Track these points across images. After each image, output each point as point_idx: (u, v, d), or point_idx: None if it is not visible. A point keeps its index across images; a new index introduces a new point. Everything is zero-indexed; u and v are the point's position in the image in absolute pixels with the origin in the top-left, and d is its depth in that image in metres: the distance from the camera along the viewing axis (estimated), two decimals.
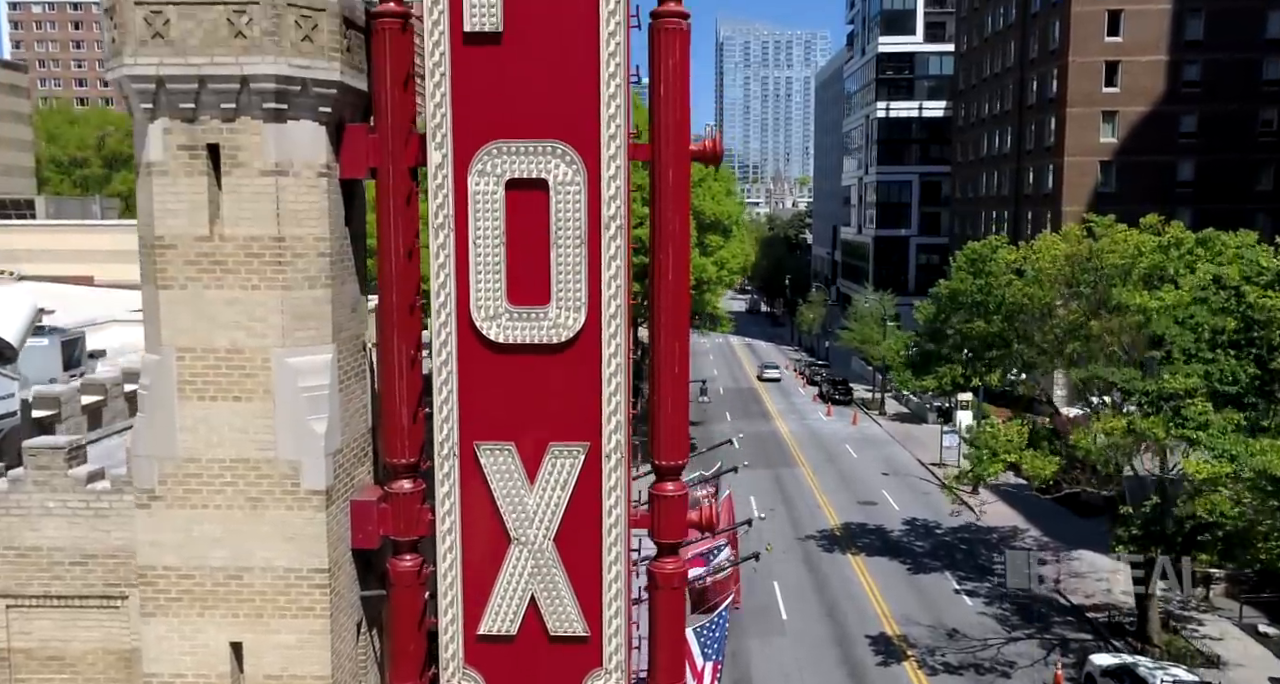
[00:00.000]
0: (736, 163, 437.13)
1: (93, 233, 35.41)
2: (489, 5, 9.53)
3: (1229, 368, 18.87)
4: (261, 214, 9.33)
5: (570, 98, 9.73)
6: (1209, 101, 62.54)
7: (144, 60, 9.05)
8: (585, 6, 9.62)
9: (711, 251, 50.88)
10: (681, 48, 9.93)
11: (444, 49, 9.65)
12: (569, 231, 9.80)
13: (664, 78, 9.88)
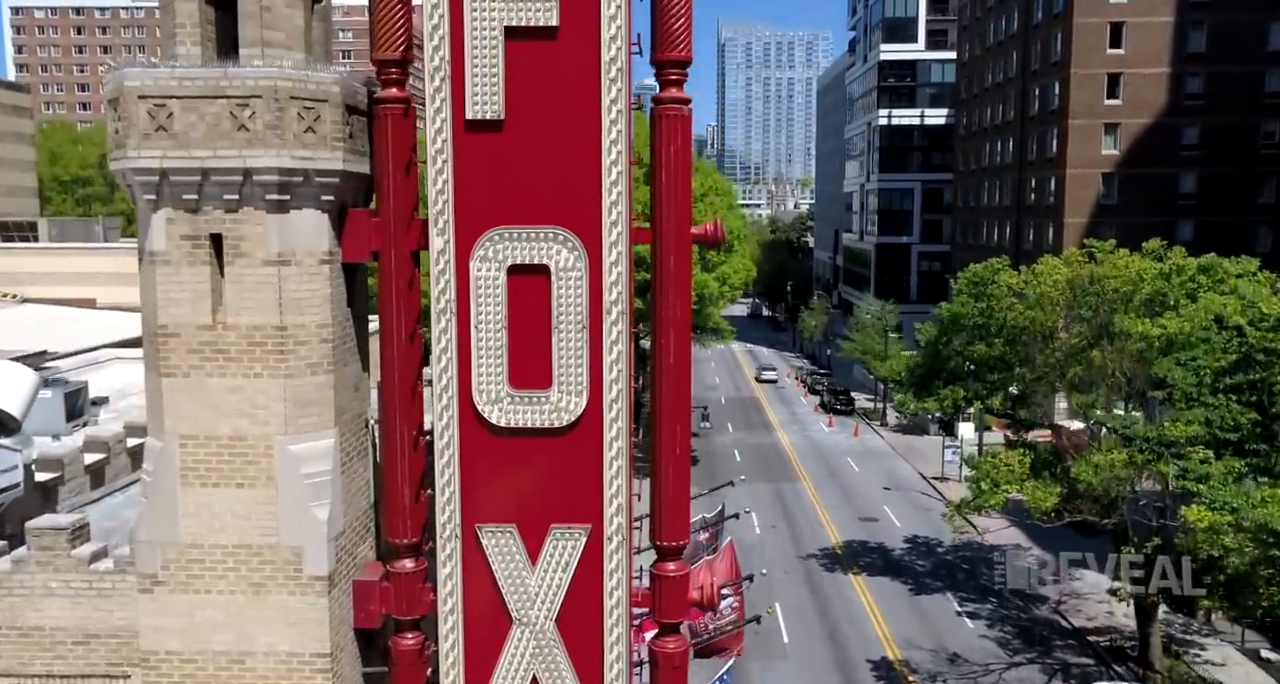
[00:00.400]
0: (738, 163, 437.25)
1: (95, 256, 35.48)
2: (491, 93, 9.55)
3: (1230, 415, 18.88)
4: (264, 303, 9.36)
5: (572, 184, 9.75)
6: (1211, 114, 62.51)
7: (147, 153, 9.09)
8: (587, 95, 9.64)
9: (713, 267, 50.88)
10: (683, 134, 9.96)
11: (446, 136, 9.67)
12: (571, 317, 9.83)
13: (665, 163, 9.91)
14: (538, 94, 9.64)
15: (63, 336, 31.68)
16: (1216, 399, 19.33)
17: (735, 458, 60.57)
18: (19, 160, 38.28)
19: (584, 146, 9.67)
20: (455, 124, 9.66)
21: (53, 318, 34.07)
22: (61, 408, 15.84)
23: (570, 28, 9.54)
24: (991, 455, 27.98)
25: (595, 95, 9.61)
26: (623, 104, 9.65)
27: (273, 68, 9.08)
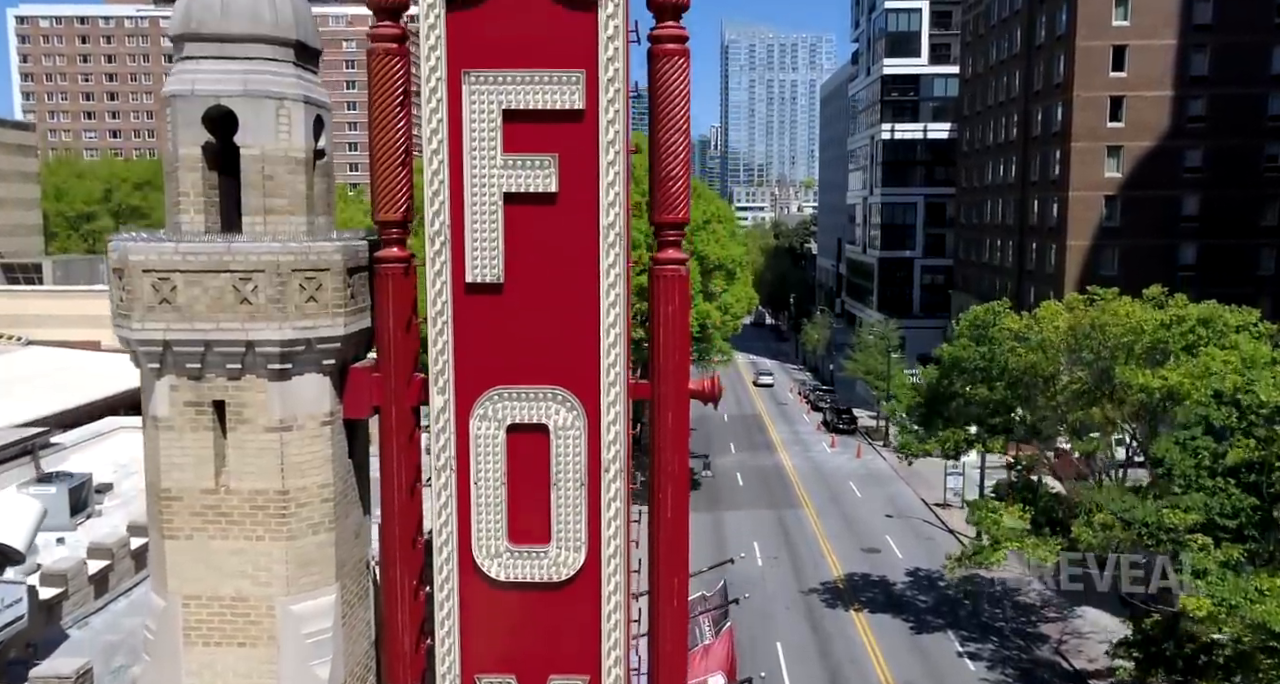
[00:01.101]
0: (741, 165, 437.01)
1: (99, 299, 35.51)
2: (490, 257, 9.66)
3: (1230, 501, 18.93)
4: (266, 468, 9.48)
5: (571, 345, 9.86)
6: (1214, 137, 62.43)
7: (151, 325, 9.21)
8: (585, 258, 9.74)
9: (715, 297, 50.96)
10: (681, 294, 10.06)
11: (446, 298, 9.78)
12: (569, 474, 9.94)
13: (663, 323, 10.01)
14: (537, 257, 9.75)
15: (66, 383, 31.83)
16: (1215, 482, 19.40)
17: (738, 482, 60.68)
18: (24, 199, 38.45)
19: (583, 309, 9.77)
20: (455, 286, 9.77)
21: (57, 363, 34.20)
22: (66, 504, 16.00)
23: (569, 194, 9.65)
24: (991, 509, 28.01)
25: (594, 259, 9.72)
26: (620, 268, 9.75)
27: (274, 242, 9.20)
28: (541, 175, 9.56)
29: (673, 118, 9.92)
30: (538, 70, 9.46)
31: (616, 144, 9.62)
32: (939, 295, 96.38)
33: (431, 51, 9.44)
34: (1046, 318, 33.34)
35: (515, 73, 9.46)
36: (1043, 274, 68.22)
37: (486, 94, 9.47)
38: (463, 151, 9.55)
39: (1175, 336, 29.87)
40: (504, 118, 9.52)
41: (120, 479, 18.86)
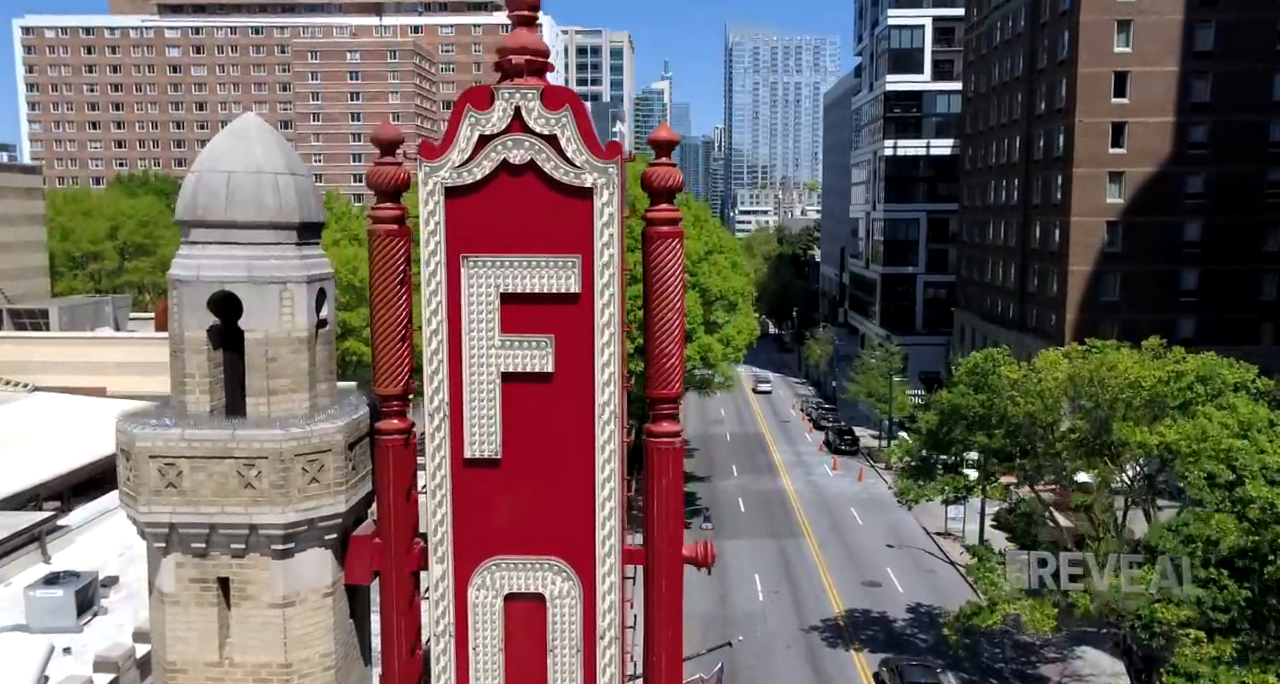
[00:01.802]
0: (745, 165, 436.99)
1: (104, 346, 35.93)
2: (488, 434, 9.90)
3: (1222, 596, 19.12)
4: (269, 642, 9.71)
5: (567, 517, 10.09)
6: (1216, 163, 62.52)
7: (158, 508, 9.45)
8: (581, 434, 9.97)
9: (718, 328, 51.16)
10: (675, 467, 10.28)
11: (445, 471, 10.02)
12: (565, 641, 10.17)
13: (658, 494, 10.23)
14: (534, 433, 9.98)
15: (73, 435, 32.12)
16: (1209, 572, 19.59)
17: (740, 507, 60.91)
18: (31, 242, 38.71)
19: (578, 483, 10.00)
20: (454, 460, 10.01)
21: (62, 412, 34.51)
22: (73, 605, 16.26)
23: (565, 373, 9.88)
24: (989, 568, 28.21)
25: (589, 435, 9.95)
26: (615, 444, 9.98)
27: (278, 430, 9.44)
28: (538, 356, 9.79)
29: (666, 296, 10.15)
30: (535, 255, 9.69)
31: (611, 326, 9.86)
32: (941, 311, 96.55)
33: (431, 236, 9.67)
34: (1045, 367, 33.51)
35: (513, 258, 9.69)
36: (1044, 297, 68.37)
37: (485, 277, 9.70)
38: (461, 332, 9.78)
39: (1173, 392, 30.05)
40: (501, 300, 9.75)
41: (125, 566, 19.11)
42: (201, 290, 9.55)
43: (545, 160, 9.58)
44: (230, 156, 9.64)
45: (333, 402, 10.44)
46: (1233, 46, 61.81)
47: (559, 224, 9.68)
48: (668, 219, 10.09)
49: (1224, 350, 62.42)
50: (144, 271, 45.96)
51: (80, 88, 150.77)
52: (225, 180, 9.54)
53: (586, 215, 9.69)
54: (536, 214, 9.67)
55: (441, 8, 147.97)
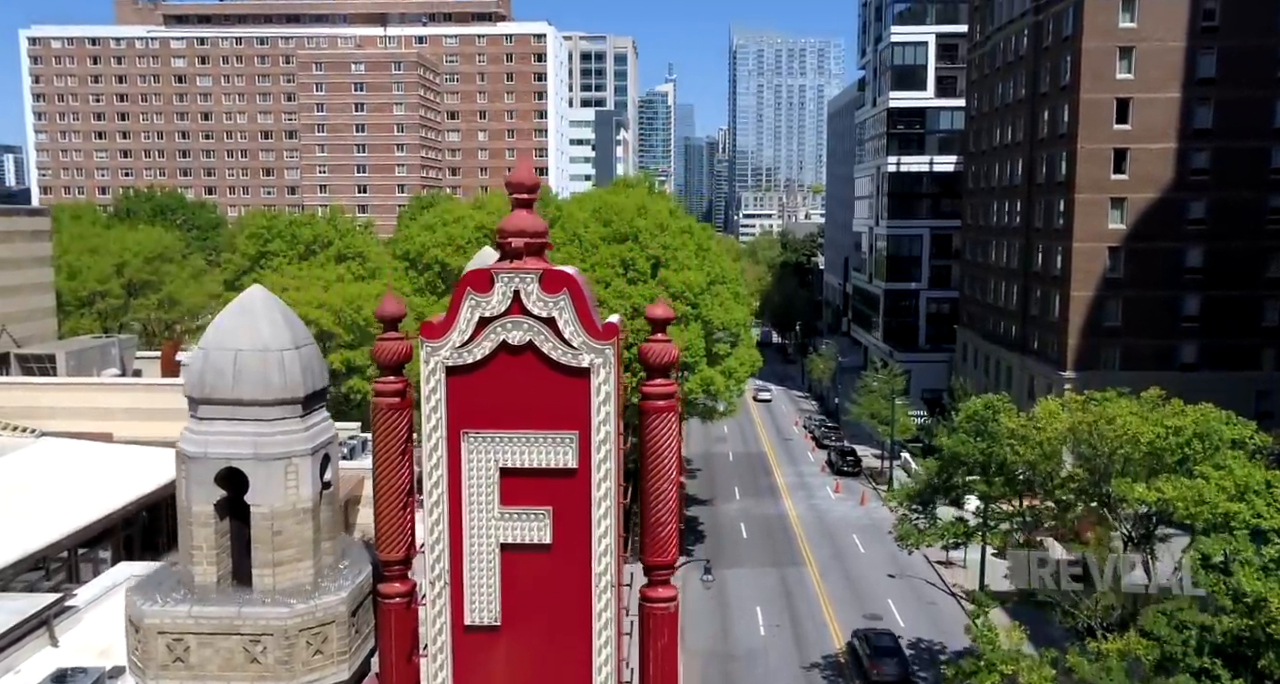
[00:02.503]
0: (749, 166, 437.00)
1: (111, 392, 36.30)
2: (488, 602, 10.17)
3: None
4: None
5: (563, 680, 10.34)
6: (1217, 189, 62.66)
7: (165, 682, 9.73)
8: (578, 603, 10.23)
9: (720, 360, 51.39)
10: (670, 631, 10.53)
11: (445, 637, 10.30)
12: None
13: (653, 658, 10.48)
14: (532, 601, 10.25)
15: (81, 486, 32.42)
16: (1203, 661, 19.80)
17: (742, 533, 61.17)
18: (39, 284, 39.09)
19: (575, 650, 10.27)
20: (454, 626, 10.29)
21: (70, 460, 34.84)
22: None
23: (562, 544, 10.14)
24: (989, 628, 28.46)
25: (586, 603, 10.21)
26: (611, 611, 10.24)
27: (282, 607, 9.71)
28: (536, 527, 10.06)
29: (662, 468, 10.39)
30: (533, 431, 9.95)
31: (608, 499, 10.11)
32: (944, 327, 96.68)
33: (432, 412, 9.93)
34: (1044, 417, 33.73)
35: (512, 433, 9.95)
36: (1046, 321, 68.51)
37: (484, 452, 9.97)
38: (461, 504, 10.05)
39: (1171, 446, 30.26)
40: (501, 474, 10.02)
41: None
42: (209, 467, 9.82)
43: (543, 342, 9.84)
44: (237, 335, 9.91)
45: (337, 559, 10.71)
46: (1234, 73, 61.93)
47: (557, 401, 9.94)
48: (664, 394, 10.32)
49: (1225, 375, 62.88)
50: (150, 308, 46.32)
51: (86, 98, 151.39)
52: (232, 359, 9.82)
53: (583, 393, 9.94)
54: (535, 392, 9.93)
55: (446, 18, 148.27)
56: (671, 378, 10.47)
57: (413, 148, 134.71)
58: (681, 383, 50.22)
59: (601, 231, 53.06)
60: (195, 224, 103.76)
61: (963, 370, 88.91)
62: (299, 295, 41.26)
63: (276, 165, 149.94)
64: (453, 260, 55.93)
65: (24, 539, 26.59)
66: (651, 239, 52.22)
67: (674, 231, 53.72)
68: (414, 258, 57.41)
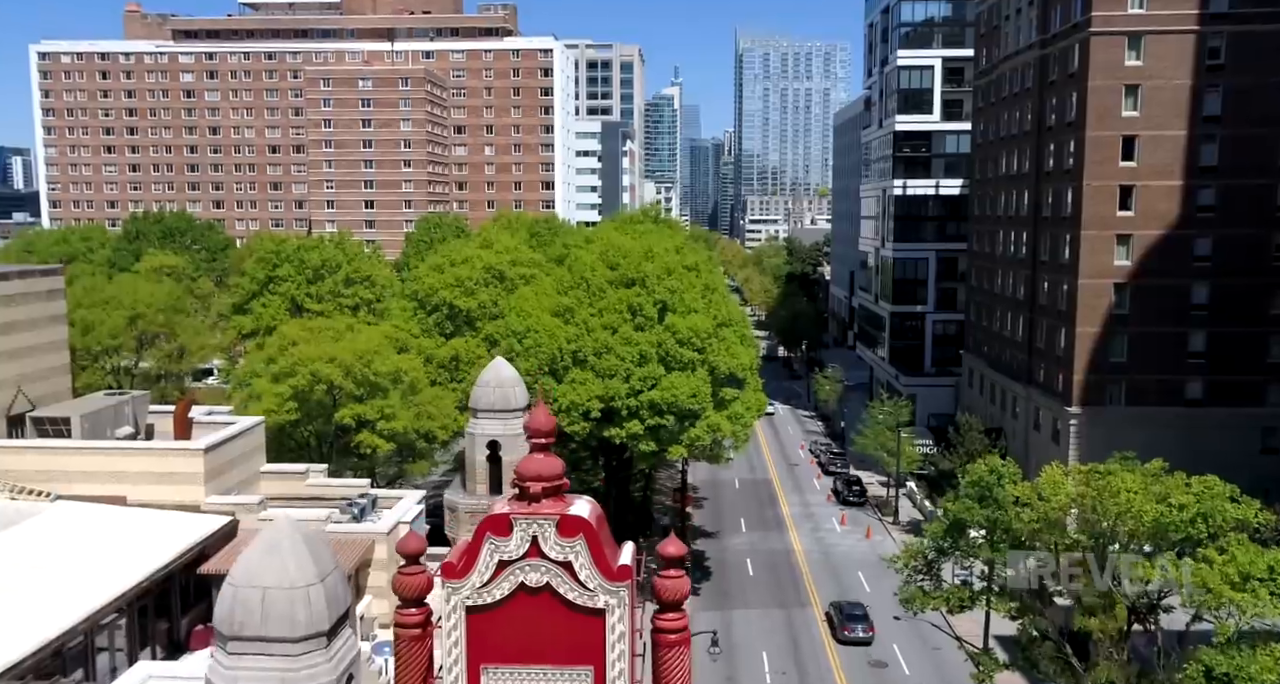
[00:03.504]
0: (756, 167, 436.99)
1: (126, 456, 36.73)
2: None
3: None
4: None
5: None
6: (1224, 226, 62.86)
7: None
8: None
9: (726, 405, 51.71)
10: None
11: None
12: None
13: None
14: None
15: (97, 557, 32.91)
16: None
17: (748, 570, 61.50)
18: (53, 341, 39.58)
19: None
20: None
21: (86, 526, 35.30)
22: None
23: None
24: None
25: None
26: None
27: None
28: None
29: None
30: (550, 667, 10.33)
31: None
32: (950, 349, 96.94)
33: (453, 647, 10.30)
34: (1048, 486, 34.01)
35: (530, 669, 10.32)
36: (1052, 355, 68.72)
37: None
38: None
39: (1175, 522, 30.53)
40: None
41: None
42: None
43: (560, 583, 10.21)
44: (265, 573, 10.29)
45: None
46: (1240, 111, 62.13)
47: (573, 639, 10.30)
48: (677, 629, 10.67)
49: (1231, 411, 62.97)
50: (162, 360, 46.73)
51: (95, 112, 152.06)
52: (260, 597, 10.20)
53: (598, 631, 10.31)
54: (552, 629, 10.30)
55: (453, 33, 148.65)
56: (684, 611, 10.80)
57: (420, 163, 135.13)
58: (687, 430, 50.58)
59: (609, 275, 53.42)
60: (204, 246, 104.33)
61: (968, 396, 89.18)
62: (309, 350, 41.66)
63: (284, 179, 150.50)
64: (461, 302, 56.41)
65: (43, 624, 27.09)
66: (658, 283, 52.56)
67: (680, 274, 54.04)
68: (423, 298, 57.86)
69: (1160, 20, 61.87)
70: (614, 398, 48.72)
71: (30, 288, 39.39)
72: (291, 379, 41.20)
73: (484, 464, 21.13)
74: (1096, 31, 62.24)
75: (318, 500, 40.69)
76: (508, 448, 20.50)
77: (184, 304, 49.41)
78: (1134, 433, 63.81)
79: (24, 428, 38.77)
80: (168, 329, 47.48)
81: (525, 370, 50.15)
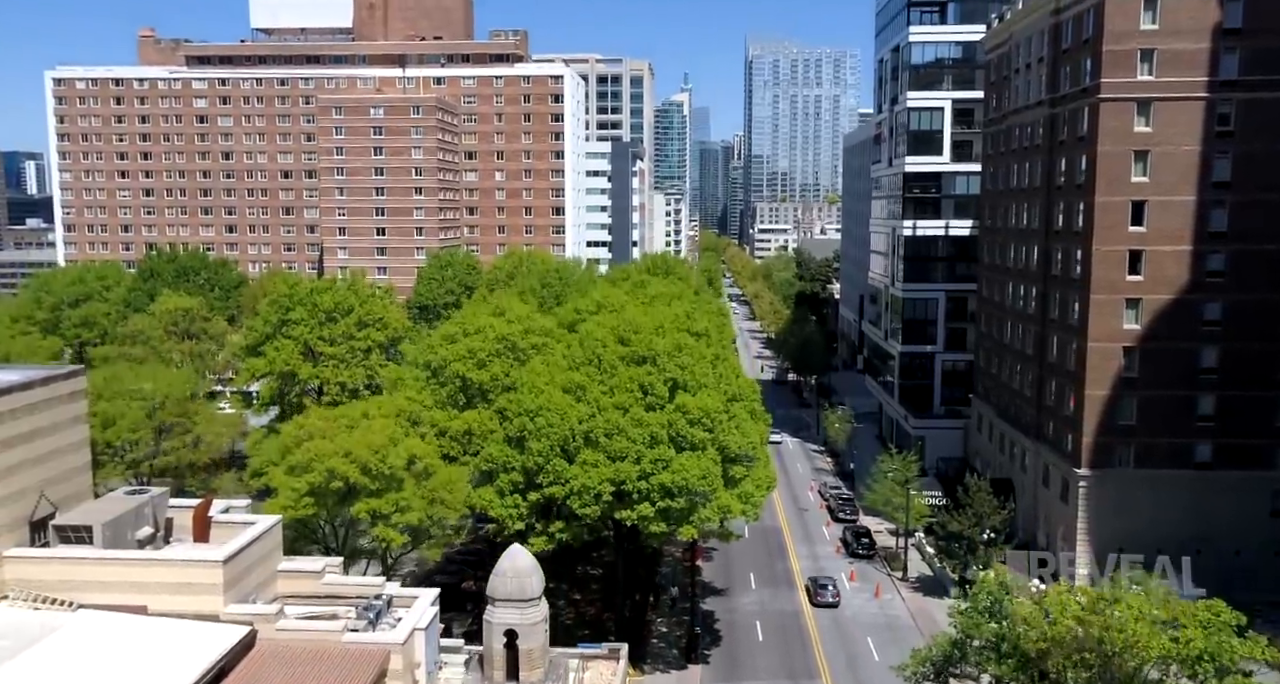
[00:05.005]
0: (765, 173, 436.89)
1: (147, 566, 37.43)
2: None
3: None
4: None
5: None
6: (1234, 291, 63.15)
7: None
8: None
9: (736, 483, 52.16)
10: None
11: None
12: None
13: None
14: None
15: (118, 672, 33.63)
16: None
17: (757, 634, 61.91)
18: (74, 443, 40.27)
19: None
20: None
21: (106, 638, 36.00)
22: None
23: None
24: None
25: None
26: None
27: None
28: None
29: None
30: None
31: None
32: (959, 388, 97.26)
33: None
34: (1055, 606, 34.42)
35: None
36: (1061, 414, 69.02)
37: None
38: None
39: (1181, 655, 30.94)
40: None
41: None
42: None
43: None
44: None
45: None
46: (1250, 177, 62.43)
47: None
48: None
49: (1241, 475, 63.25)
50: (180, 450, 47.43)
51: (110, 137, 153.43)
52: None
53: None
54: None
55: (464, 59, 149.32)
56: None
57: (431, 191, 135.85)
58: (697, 510, 51.03)
59: (620, 351, 53.91)
60: (217, 283, 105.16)
61: (977, 441, 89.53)
62: (324, 445, 42.29)
63: (296, 204, 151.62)
64: (474, 375, 56.93)
65: None
66: (669, 360, 53.02)
67: (690, 348, 54.47)
68: (436, 369, 58.44)
69: (1170, 87, 62.12)
70: (625, 481, 49.23)
71: (53, 393, 39.94)
72: (308, 475, 41.83)
73: (501, 651, 21.76)
74: (1106, 97, 62.52)
75: (334, 599, 41.35)
76: (525, 636, 21.02)
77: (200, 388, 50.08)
78: (1143, 495, 64.31)
79: (46, 532, 39.48)
80: (185, 418, 48.19)
81: (538, 451, 50.72)
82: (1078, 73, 66.56)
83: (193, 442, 48.63)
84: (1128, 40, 62.13)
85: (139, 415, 45.23)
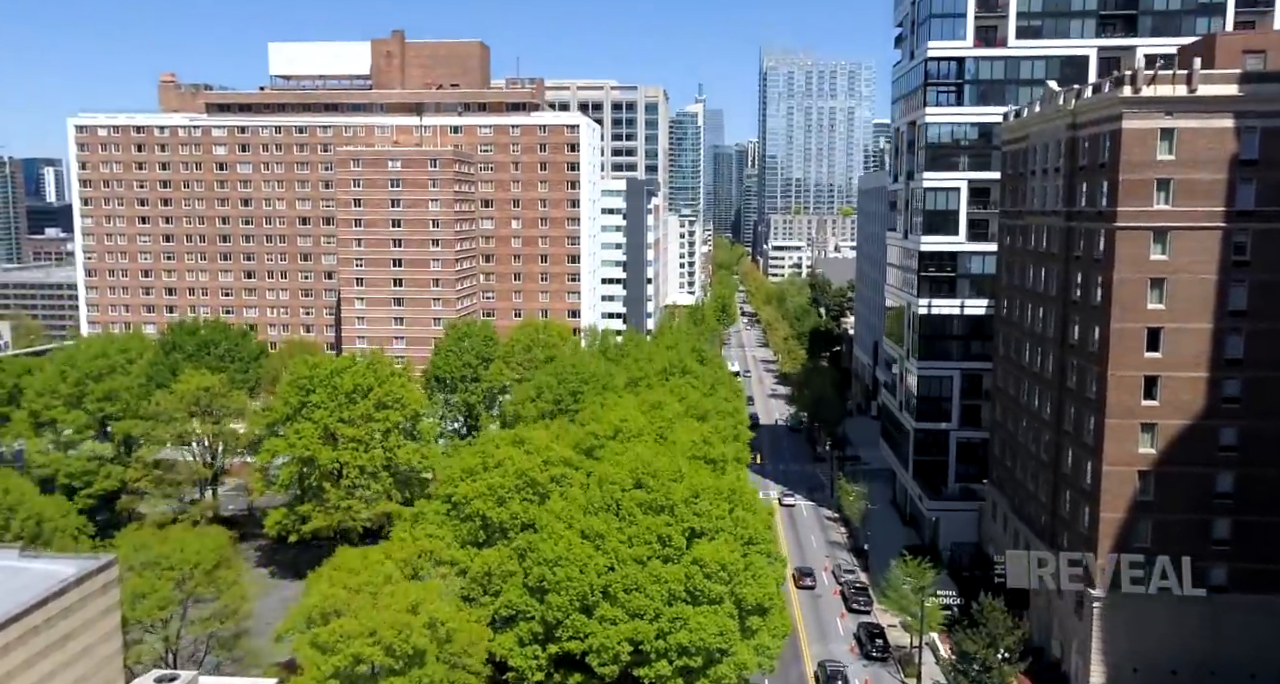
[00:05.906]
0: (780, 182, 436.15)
1: None
2: None
3: None
4: None
5: None
6: (1249, 416, 63.32)
7: None
8: None
9: (753, 633, 52.93)
10: None
11: None
12: None
13: None
14: None
15: None
16: None
17: None
18: (106, 633, 41.40)
19: None
20: None
21: None
22: None
23: None
24: None
25: None
26: None
27: None
28: None
29: None
30: None
31: None
32: (973, 466, 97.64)
33: None
34: None
35: None
36: (1076, 528, 69.33)
37: None
38: None
39: None
40: None
41: None
42: None
43: None
44: None
45: None
46: (1266, 305, 62.57)
47: None
48: None
49: (1257, 598, 63.54)
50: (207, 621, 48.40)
51: (131, 183, 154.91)
52: None
53: None
54: None
55: (481, 108, 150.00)
56: None
57: (448, 242, 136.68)
58: (715, 666, 51.83)
59: (638, 496, 54.69)
60: (236, 356, 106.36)
61: (991, 529, 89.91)
62: (351, 625, 43.24)
63: (314, 251, 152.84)
64: (493, 513, 57.82)
65: None
66: (687, 508, 53.79)
67: (706, 493, 55.21)
68: (458, 503, 59.35)
69: (1186, 217, 62.29)
70: (643, 641, 50.07)
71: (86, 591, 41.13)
72: (334, 657, 42.81)
73: None
74: (1123, 226, 62.71)
75: None
76: None
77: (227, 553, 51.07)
78: (1157, 616, 64.75)
79: None
80: (213, 590, 49.31)
81: (558, 606, 51.65)
82: (1094, 194, 66.73)
83: (221, 612, 49.70)
84: (1145, 170, 62.30)
85: (167, 589, 46.30)
